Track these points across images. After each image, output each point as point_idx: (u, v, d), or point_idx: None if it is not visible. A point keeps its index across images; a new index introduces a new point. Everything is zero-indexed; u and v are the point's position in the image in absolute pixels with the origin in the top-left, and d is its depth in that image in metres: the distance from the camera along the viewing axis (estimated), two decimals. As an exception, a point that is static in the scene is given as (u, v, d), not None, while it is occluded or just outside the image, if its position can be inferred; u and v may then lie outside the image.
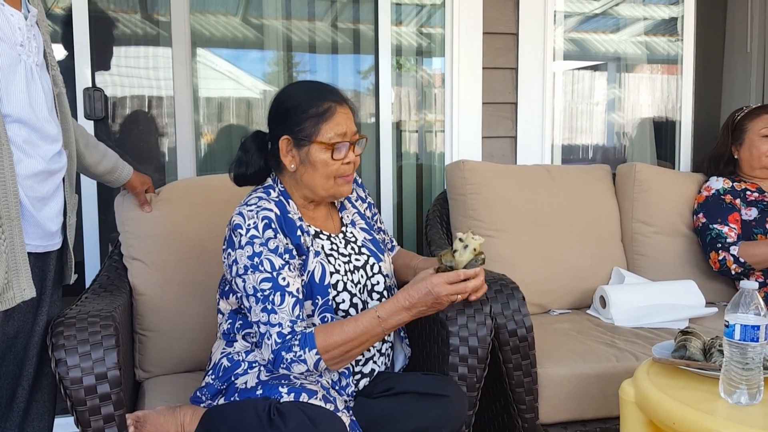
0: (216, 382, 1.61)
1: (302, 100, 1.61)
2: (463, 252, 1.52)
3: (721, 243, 2.46)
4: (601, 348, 2.03)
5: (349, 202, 1.82)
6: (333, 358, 1.47)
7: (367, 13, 2.93)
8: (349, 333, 1.47)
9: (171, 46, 2.61)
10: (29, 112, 1.43)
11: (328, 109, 1.59)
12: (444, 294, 1.48)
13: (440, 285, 1.48)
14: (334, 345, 1.46)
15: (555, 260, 2.46)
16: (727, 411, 1.34)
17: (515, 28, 2.89)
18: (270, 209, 1.55)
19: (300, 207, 1.66)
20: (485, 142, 2.89)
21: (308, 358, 1.45)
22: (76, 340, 1.44)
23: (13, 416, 1.59)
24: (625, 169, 2.73)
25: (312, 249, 1.60)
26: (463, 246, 1.52)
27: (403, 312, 1.50)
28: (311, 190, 1.63)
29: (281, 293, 1.49)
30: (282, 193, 1.64)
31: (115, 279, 1.97)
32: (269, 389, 1.52)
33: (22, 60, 1.43)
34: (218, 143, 2.88)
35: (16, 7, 1.45)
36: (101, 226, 2.57)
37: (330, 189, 1.63)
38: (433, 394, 1.55)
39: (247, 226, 1.52)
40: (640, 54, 3.36)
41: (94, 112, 2.52)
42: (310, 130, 1.58)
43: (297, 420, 1.38)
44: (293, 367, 1.46)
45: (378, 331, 1.49)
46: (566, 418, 1.94)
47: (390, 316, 1.49)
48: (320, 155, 1.58)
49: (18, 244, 1.39)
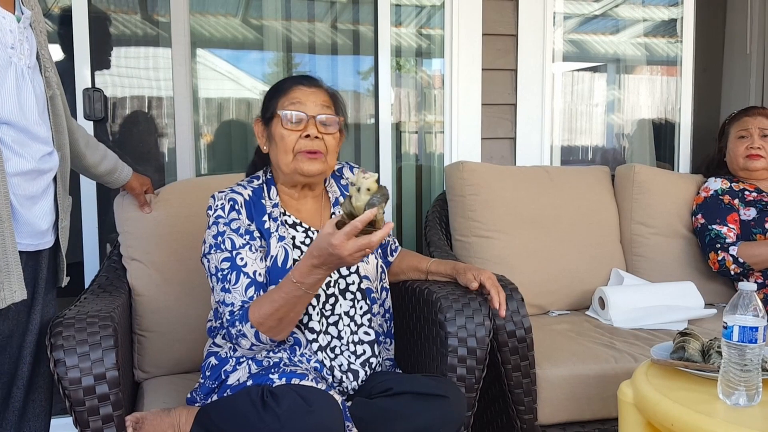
0: (207, 381, 1.63)
1: (274, 86, 1.72)
2: (358, 195, 1.33)
3: (720, 243, 2.47)
4: (600, 349, 2.03)
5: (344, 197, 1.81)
6: (270, 328, 1.50)
7: (367, 14, 2.93)
8: (275, 301, 1.47)
9: (170, 47, 2.61)
10: (18, 115, 1.43)
11: (288, 87, 1.67)
12: (346, 254, 1.35)
13: (340, 245, 1.34)
14: (266, 315, 1.49)
15: (554, 261, 2.46)
16: (726, 412, 1.34)
17: (515, 30, 2.89)
18: (240, 193, 1.64)
19: (283, 194, 1.70)
20: (485, 144, 2.90)
21: (247, 331, 1.51)
22: (74, 341, 1.44)
23: (9, 416, 1.59)
24: (624, 171, 2.73)
25: (275, 234, 1.62)
26: (356, 189, 1.34)
27: (315, 270, 1.43)
28: (278, 168, 1.68)
29: (237, 272, 1.56)
30: (267, 182, 1.71)
31: (114, 279, 1.97)
32: (260, 379, 1.53)
33: (12, 62, 1.43)
34: (218, 144, 2.88)
35: (9, 9, 1.45)
36: (100, 227, 2.57)
37: (290, 164, 1.64)
38: (432, 394, 1.55)
39: (215, 207, 1.62)
40: (640, 55, 3.36)
41: (94, 112, 2.52)
42: (271, 106, 1.68)
43: (290, 399, 1.38)
44: (241, 342, 1.53)
45: (301, 293, 1.45)
46: (565, 419, 1.94)
47: (304, 276, 1.43)
48: (278, 129, 1.64)
49: (9, 246, 1.39)
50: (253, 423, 1.38)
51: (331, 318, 1.66)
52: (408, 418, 1.52)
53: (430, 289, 1.82)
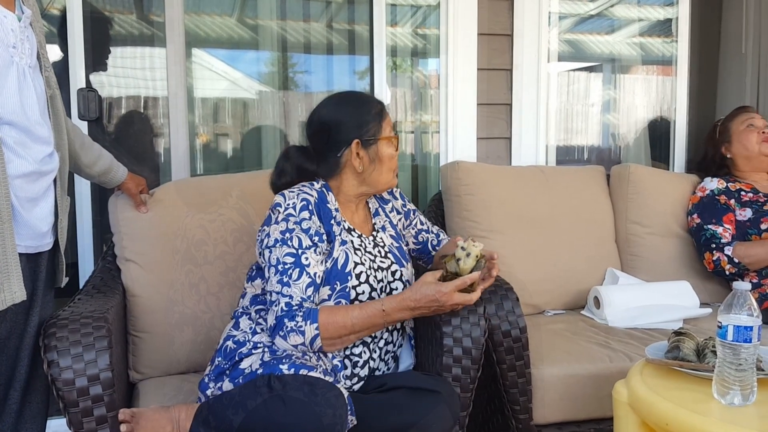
0: (222, 362, 1.63)
1: (358, 107, 1.77)
2: (466, 260, 1.59)
3: (715, 243, 2.47)
4: (595, 348, 2.03)
5: (383, 210, 1.90)
6: (330, 338, 1.55)
7: (363, 13, 2.93)
8: (352, 317, 1.56)
9: (165, 47, 2.61)
10: (20, 115, 1.42)
11: (381, 110, 1.77)
12: (451, 303, 1.58)
13: (449, 293, 1.56)
14: (335, 324, 1.54)
15: (549, 261, 2.46)
16: (721, 412, 1.34)
17: (510, 30, 2.89)
18: (310, 194, 1.68)
19: (340, 204, 1.76)
20: (480, 143, 2.90)
21: (307, 330, 1.53)
22: (68, 342, 1.44)
23: (6, 418, 1.59)
24: (619, 170, 2.73)
25: (339, 237, 1.68)
26: (465, 254, 1.59)
27: (406, 311, 1.59)
28: (375, 186, 1.77)
29: (300, 270, 1.58)
30: (324, 186, 1.75)
31: (109, 280, 1.96)
32: (270, 368, 1.53)
33: (14, 62, 1.42)
34: (213, 144, 2.88)
35: (10, 8, 1.45)
36: (95, 228, 2.56)
37: (390, 181, 1.79)
38: (425, 389, 1.60)
39: (286, 204, 1.65)
40: (635, 55, 3.36)
41: (89, 112, 2.52)
42: (375, 130, 1.74)
43: (297, 383, 1.42)
44: (290, 337, 1.53)
45: (379, 323, 1.59)
46: (560, 419, 1.94)
47: (394, 311, 1.58)
48: (387, 150, 1.75)
49: (9, 247, 1.39)
50: (258, 409, 1.39)
51: None
52: (402, 410, 1.55)
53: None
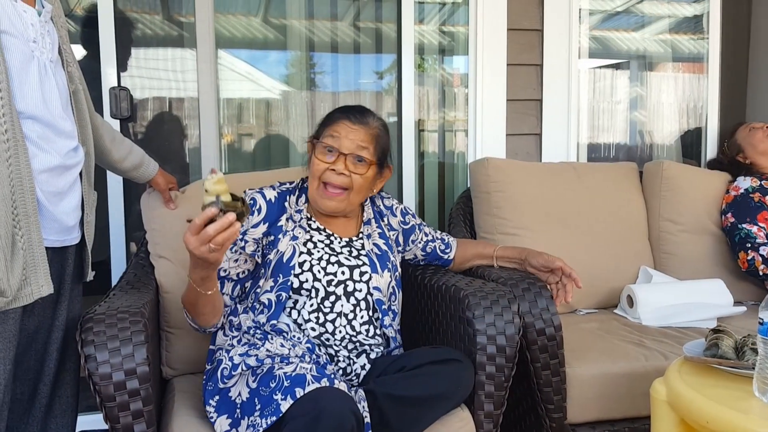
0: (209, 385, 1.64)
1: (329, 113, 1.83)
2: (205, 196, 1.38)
3: (750, 243, 2.43)
4: (630, 347, 2.01)
5: (377, 222, 1.90)
6: (188, 316, 1.67)
7: (389, 12, 2.93)
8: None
9: (195, 47, 2.62)
10: (43, 109, 1.43)
11: (335, 119, 1.78)
12: (191, 248, 1.39)
13: (186, 240, 1.40)
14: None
15: (581, 259, 2.43)
16: (762, 410, 1.32)
17: (540, 25, 2.87)
18: (263, 194, 1.77)
19: None
20: (509, 140, 2.87)
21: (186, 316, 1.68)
22: (105, 336, 1.44)
23: (35, 412, 1.59)
24: (652, 167, 2.70)
25: (290, 233, 1.73)
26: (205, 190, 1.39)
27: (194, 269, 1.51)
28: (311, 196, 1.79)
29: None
30: (301, 189, 1.83)
31: (142, 276, 1.98)
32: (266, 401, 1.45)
33: (35, 56, 1.43)
34: (240, 144, 2.89)
35: (30, 3, 1.45)
36: (127, 225, 2.58)
37: (314, 192, 1.76)
38: (448, 359, 1.61)
39: None
40: (664, 52, 3.32)
41: (120, 111, 2.54)
42: (318, 131, 1.81)
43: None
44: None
45: (194, 286, 1.54)
46: (594, 418, 1.92)
47: (190, 272, 1.53)
48: (316, 156, 1.76)
49: (36, 240, 1.39)
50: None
51: (329, 315, 1.70)
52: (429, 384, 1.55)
53: (458, 286, 1.81)
